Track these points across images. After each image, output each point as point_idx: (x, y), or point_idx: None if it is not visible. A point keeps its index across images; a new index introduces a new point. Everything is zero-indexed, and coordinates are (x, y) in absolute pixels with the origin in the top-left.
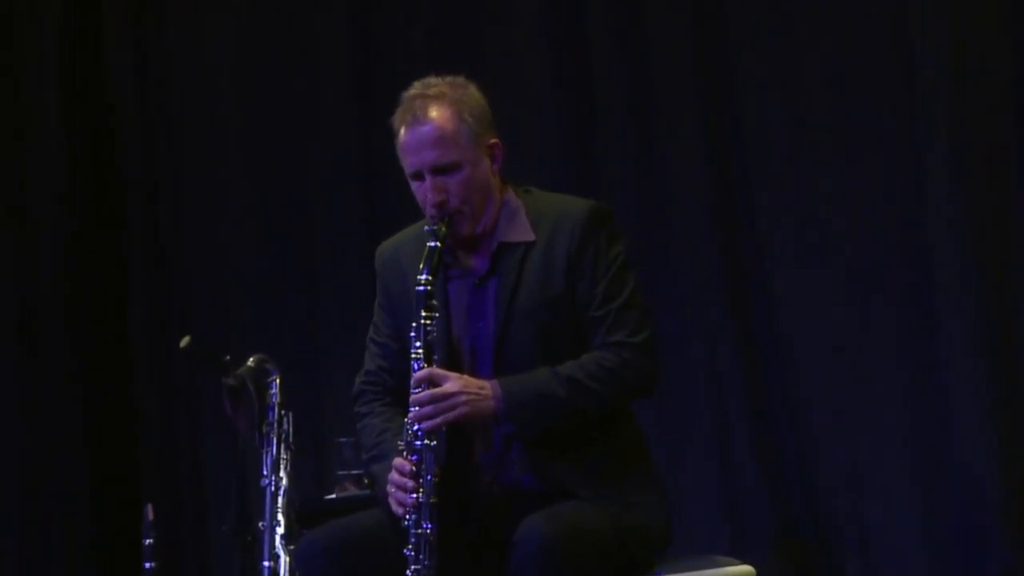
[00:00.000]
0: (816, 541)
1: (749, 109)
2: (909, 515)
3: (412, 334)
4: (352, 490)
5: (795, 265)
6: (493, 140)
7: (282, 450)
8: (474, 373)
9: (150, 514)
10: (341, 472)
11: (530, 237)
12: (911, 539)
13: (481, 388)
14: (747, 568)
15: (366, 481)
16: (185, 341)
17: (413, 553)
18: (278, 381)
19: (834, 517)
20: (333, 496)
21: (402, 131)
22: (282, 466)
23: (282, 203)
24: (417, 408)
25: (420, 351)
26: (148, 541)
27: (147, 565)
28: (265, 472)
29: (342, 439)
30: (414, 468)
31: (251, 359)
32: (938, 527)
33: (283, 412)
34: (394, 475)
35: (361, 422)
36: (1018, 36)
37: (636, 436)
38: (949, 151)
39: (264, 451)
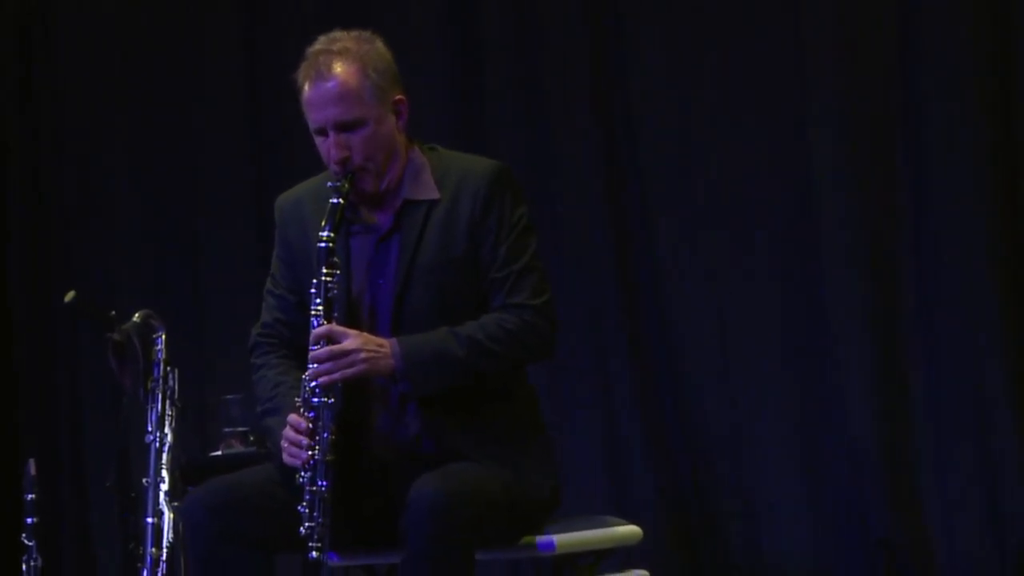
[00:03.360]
0: (700, 508)
1: (636, 75)
2: (791, 483)
3: (312, 291)
4: (237, 447)
5: (681, 233)
6: (399, 96)
7: (167, 406)
8: (373, 330)
9: (32, 469)
10: (227, 429)
11: (434, 195)
12: (793, 506)
13: (380, 346)
14: (635, 529)
15: (251, 438)
16: (70, 295)
17: (307, 511)
18: (164, 337)
19: (718, 485)
20: (218, 453)
21: (306, 86)
22: (167, 422)
23: (166, 157)
24: (315, 365)
25: (320, 308)
26: (30, 496)
27: (28, 521)
28: (150, 428)
29: (228, 396)
30: (310, 425)
31: (137, 314)
32: (820, 495)
33: (168, 368)
34: (288, 431)
35: (256, 374)
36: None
37: (530, 400)
38: (835, 118)
39: (149, 407)
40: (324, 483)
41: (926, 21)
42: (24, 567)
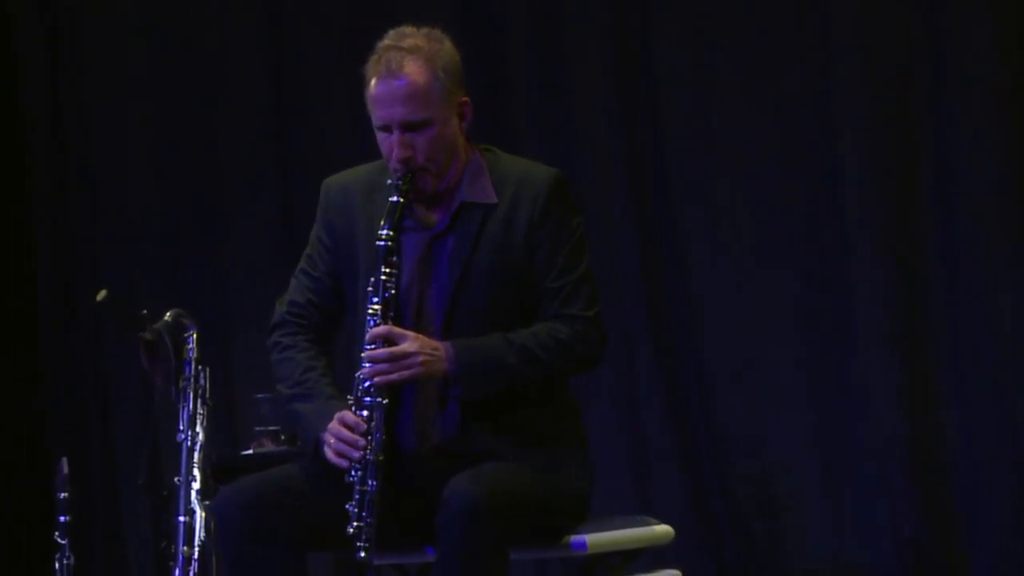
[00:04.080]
0: (726, 508)
1: (662, 73)
2: (818, 483)
3: (369, 289)
4: (269, 446)
5: (706, 229)
6: (464, 98)
7: (199, 405)
8: (419, 328)
9: (65, 468)
10: (259, 428)
11: (492, 199)
12: (821, 507)
13: (435, 349)
14: (667, 528)
15: (283, 437)
16: (102, 294)
17: (356, 510)
18: (195, 336)
19: (744, 485)
20: (250, 452)
21: (373, 82)
22: (198, 421)
23: (190, 154)
24: (371, 364)
25: (377, 307)
26: (63, 495)
27: (61, 519)
28: (181, 427)
29: (260, 395)
30: (366, 425)
31: (168, 313)
32: (848, 496)
33: (200, 367)
34: (342, 430)
35: (282, 353)
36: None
37: (571, 409)
38: (860, 117)
39: (180, 406)
40: (374, 483)
41: (952, 21)
42: (57, 565)
